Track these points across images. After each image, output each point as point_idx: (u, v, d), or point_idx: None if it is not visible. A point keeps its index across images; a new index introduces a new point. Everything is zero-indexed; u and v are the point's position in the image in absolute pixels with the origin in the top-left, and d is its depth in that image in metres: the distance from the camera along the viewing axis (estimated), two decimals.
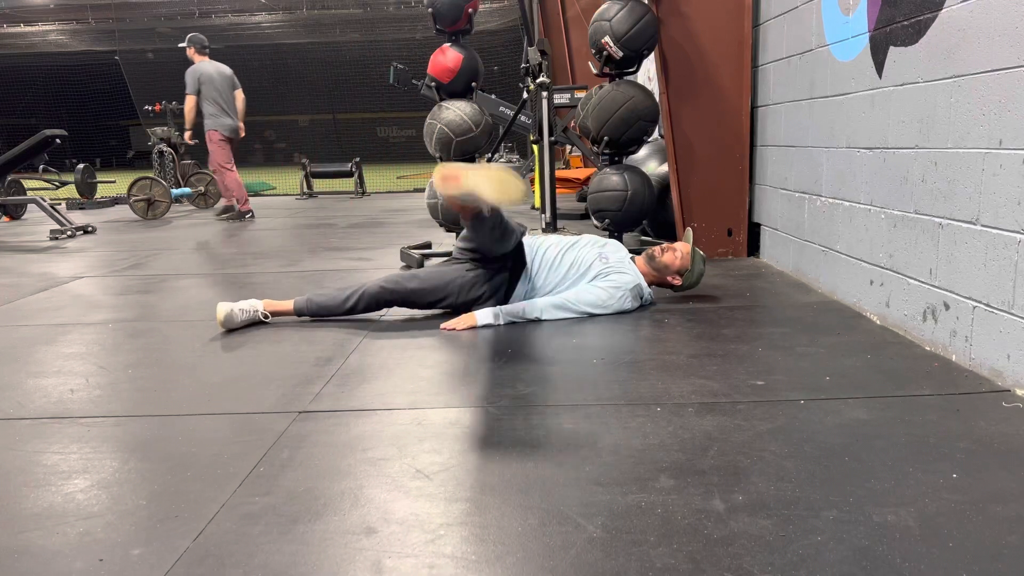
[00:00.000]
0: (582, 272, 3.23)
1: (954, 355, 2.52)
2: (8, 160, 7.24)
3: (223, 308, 3.11)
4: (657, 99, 4.57)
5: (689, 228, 3.60)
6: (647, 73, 6.88)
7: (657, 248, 3.43)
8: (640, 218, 4.57)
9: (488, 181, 2.60)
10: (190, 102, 7.89)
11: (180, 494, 1.68)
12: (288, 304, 3.22)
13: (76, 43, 22.61)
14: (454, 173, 2.64)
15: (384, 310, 3.29)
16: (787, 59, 3.95)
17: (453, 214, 4.49)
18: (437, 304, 3.18)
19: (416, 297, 3.18)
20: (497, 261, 3.18)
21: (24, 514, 1.62)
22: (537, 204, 6.97)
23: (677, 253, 3.39)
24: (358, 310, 3.18)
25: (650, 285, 3.40)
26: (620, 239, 4.67)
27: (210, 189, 10.03)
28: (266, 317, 3.19)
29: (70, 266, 5.08)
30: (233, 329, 3.12)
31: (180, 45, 8.17)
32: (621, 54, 4.39)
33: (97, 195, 10.89)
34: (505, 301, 3.20)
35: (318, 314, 3.21)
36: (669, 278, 3.40)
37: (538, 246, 3.29)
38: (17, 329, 3.28)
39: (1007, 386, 2.23)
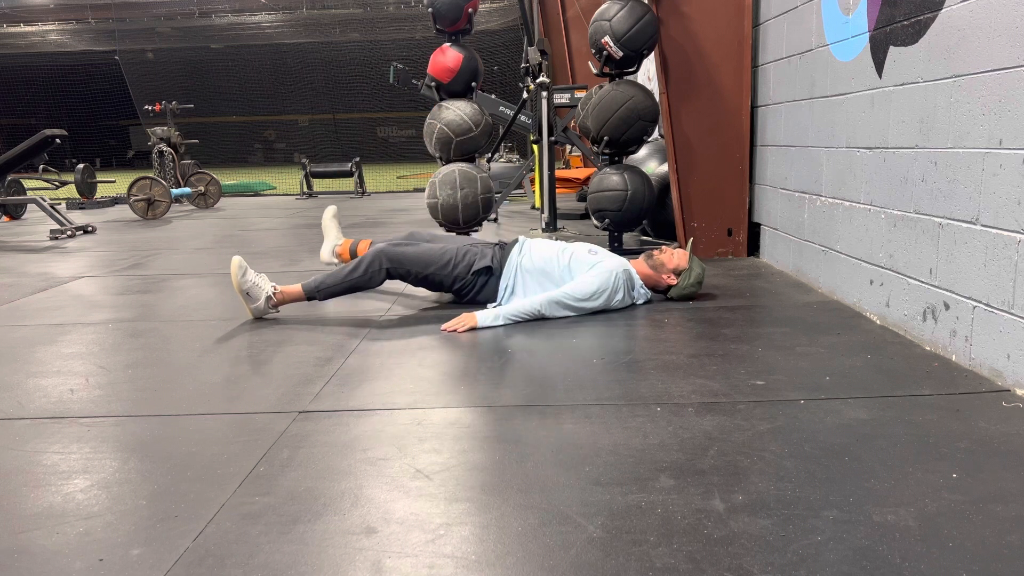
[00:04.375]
0: (576, 267, 3.26)
1: (954, 355, 2.52)
2: (8, 160, 7.23)
3: (239, 259, 3.19)
4: (657, 99, 4.57)
5: (691, 239, 3.67)
6: (647, 73, 6.88)
7: (655, 249, 3.48)
8: (640, 218, 4.57)
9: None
10: None
11: (180, 494, 1.68)
12: (297, 288, 3.26)
13: (76, 43, 22.60)
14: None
15: (388, 282, 3.31)
16: (787, 59, 3.95)
17: (452, 214, 4.50)
18: (435, 269, 3.23)
19: (416, 257, 3.23)
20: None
21: (24, 514, 1.61)
22: (537, 204, 6.98)
23: (674, 253, 3.44)
24: (360, 271, 3.20)
25: (648, 288, 3.41)
26: (620, 239, 4.67)
27: (210, 189, 10.03)
28: (270, 303, 3.24)
29: (70, 266, 5.08)
30: (247, 314, 3.15)
31: None
32: (621, 54, 4.39)
33: (97, 195, 10.89)
34: (500, 270, 3.29)
35: (326, 289, 3.23)
36: (665, 276, 3.41)
37: (536, 252, 3.33)
38: (17, 329, 3.28)
39: (1007, 386, 2.23)
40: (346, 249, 3.66)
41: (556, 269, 3.27)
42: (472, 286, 3.31)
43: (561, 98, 6.53)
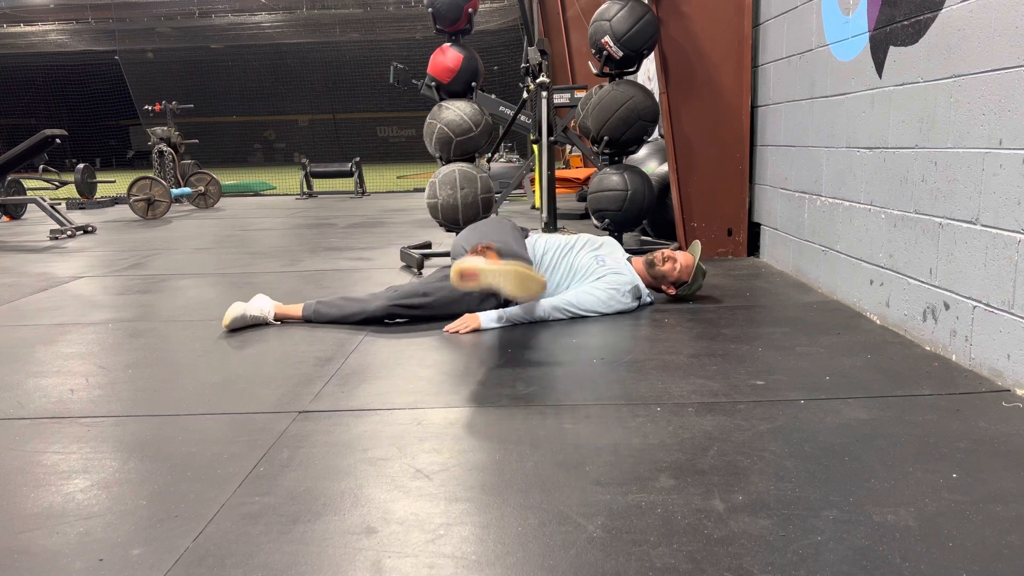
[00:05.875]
0: (581, 276, 3.24)
1: (954, 355, 2.52)
2: (8, 160, 7.24)
3: (235, 310, 3.13)
4: (657, 99, 4.58)
5: (697, 241, 3.51)
6: (647, 73, 6.88)
7: (659, 255, 3.39)
8: (640, 218, 4.57)
9: (507, 279, 2.56)
10: None
11: (180, 494, 1.68)
12: (297, 309, 3.24)
13: (76, 43, 22.60)
14: (471, 271, 2.57)
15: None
16: (787, 59, 3.95)
17: (452, 214, 4.50)
18: (446, 317, 3.17)
19: (424, 313, 3.17)
20: None
21: (24, 514, 1.62)
22: (537, 204, 6.98)
23: (677, 264, 3.35)
24: (362, 318, 3.18)
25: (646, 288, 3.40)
26: (620, 239, 4.67)
27: (210, 189, 10.03)
28: (271, 323, 3.21)
29: (70, 266, 5.08)
30: (235, 329, 3.13)
31: None
32: (621, 54, 4.39)
33: (97, 195, 10.89)
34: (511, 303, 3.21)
35: (325, 323, 3.21)
36: (664, 287, 3.40)
37: (539, 250, 3.29)
38: (17, 329, 3.28)
39: (1007, 386, 2.23)
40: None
41: (561, 272, 3.25)
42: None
43: (561, 98, 6.53)
